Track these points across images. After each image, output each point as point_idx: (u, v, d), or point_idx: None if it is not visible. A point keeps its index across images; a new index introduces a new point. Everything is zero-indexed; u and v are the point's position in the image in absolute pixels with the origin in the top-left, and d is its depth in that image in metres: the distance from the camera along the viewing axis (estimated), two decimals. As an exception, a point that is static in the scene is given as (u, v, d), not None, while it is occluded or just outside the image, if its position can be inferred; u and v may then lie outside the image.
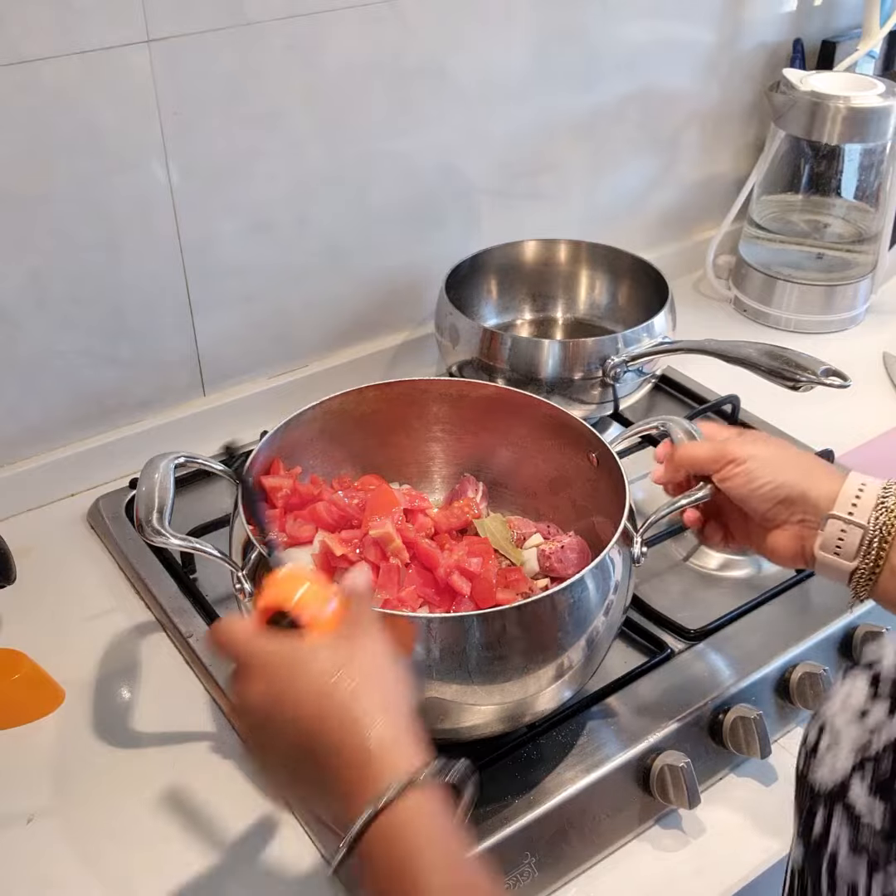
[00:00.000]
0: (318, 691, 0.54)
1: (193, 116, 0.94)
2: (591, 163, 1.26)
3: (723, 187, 1.41)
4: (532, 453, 0.87)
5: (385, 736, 0.53)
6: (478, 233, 1.19)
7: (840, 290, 1.31)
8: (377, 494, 0.82)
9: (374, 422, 0.87)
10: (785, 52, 1.37)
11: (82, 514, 1.00)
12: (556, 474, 0.86)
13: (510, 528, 0.84)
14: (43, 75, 0.85)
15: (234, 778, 0.76)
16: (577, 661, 0.71)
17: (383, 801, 0.51)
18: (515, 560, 0.81)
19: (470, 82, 1.10)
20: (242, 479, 0.73)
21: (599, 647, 0.73)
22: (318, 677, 0.55)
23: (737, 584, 0.91)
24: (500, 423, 0.88)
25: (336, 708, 0.54)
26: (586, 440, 0.81)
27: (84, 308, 0.96)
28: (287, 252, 1.06)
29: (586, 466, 0.82)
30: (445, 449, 0.91)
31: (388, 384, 0.86)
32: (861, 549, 0.67)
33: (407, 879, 0.50)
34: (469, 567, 0.76)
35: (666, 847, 0.74)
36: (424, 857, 0.51)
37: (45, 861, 0.71)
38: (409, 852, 0.51)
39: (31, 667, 0.82)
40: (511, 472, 0.89)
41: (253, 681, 0.56)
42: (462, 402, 0.88)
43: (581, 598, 0.68)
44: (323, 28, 0.97)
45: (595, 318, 1.19)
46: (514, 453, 0.88)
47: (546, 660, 0.68)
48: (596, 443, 0.80)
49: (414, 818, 0.51)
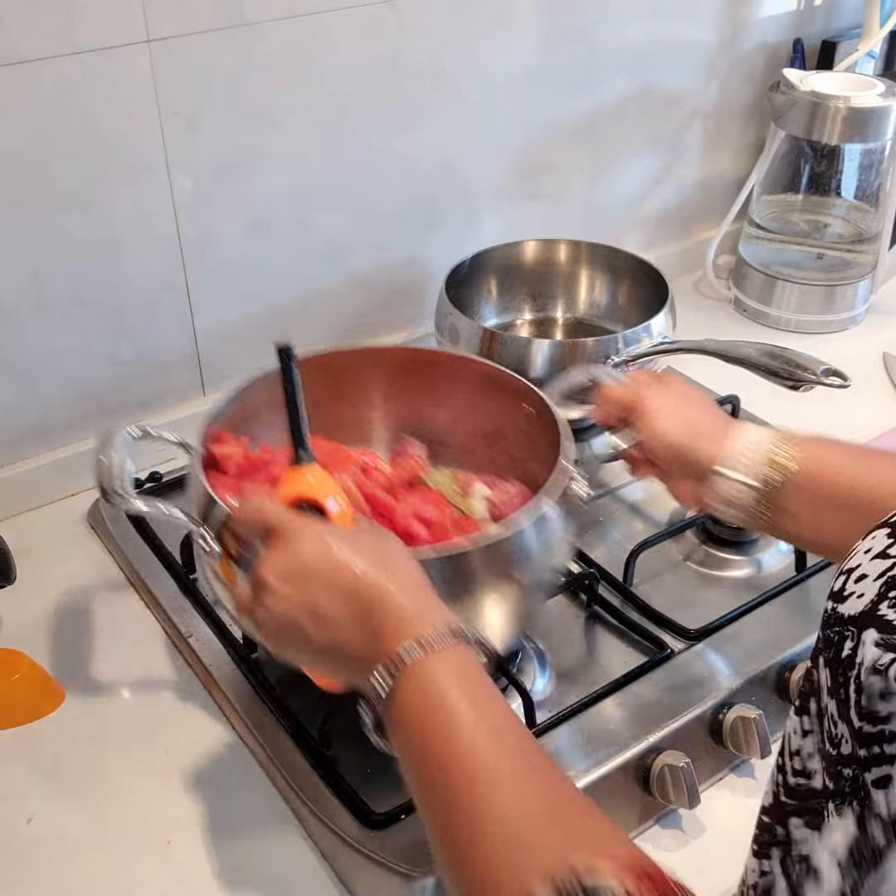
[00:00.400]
0: (356, 556, 0.57)
1: (193, 116, 0.94)
2: (591, 163, 1.26)
3: (723, 187, 1.41)
4: (466, 411, 0.89)
5: (423, 596, 0.57)
6: (478, 233, 1.19)
7: (840, 290, 1.31)
8: (333, 452, 0.83)
9: (316, 390, 0.87)
10: (785, 52, 1.37)
11: (82, 514, 1.00)
12: (491, 428, 0.88)
13: (456, 481, 0.86)
14: (43, 75, 0.85)
15: (236, 775, 0.76)
16: (528, 599, 0.74)
17: (427, 639, 0.53)
18: (466, 510, 0.83)
19: (470, 82, 1.10)
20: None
21: (547, 583, 0.77)
22: (356, 543, 0.58)
23: (737, 584, 0.91)
24: (434, 384, 0.89)
25: (373, 571, 0.57)
26: (521, 393, 0.83)
27: (84, 308, 0.96)
28: (287, 252, 1.06)
29: (520, 418, 0.83)
30: (385, 413, 0.92)
31: (329, 353, 0.87)
32: (751, 502, 0.70)
33: (451, 721, 0.51)
34: (425, 514, 0.79)
35: (666, 847, 0.74)
36: (474, 701, 0.52)
37: (45, 861, 0.71)
38: (453, 697, 0.52)
39: (31, 667, 0.82)
40: (448, 430, 0.91)
41: (291, 544, 0.58)
42: (399, 366, 0.90)
43: (530, 534, 0.70)
44: (323, 28, 0.97)
45: (595, 318, 1.19)
46: (450, 412, 0.90)
47: (498, 598, 0.71)
48: (531, 394, 0.82)
49: (463, 665, 0.54)
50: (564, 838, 0.47)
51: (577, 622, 0.87)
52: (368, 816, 0.70)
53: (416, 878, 0.66)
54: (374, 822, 0.70)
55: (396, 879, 0.67)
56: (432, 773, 0.51)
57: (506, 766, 0.51)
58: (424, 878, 0.66)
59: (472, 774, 0.50)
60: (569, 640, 0.85)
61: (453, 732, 0.51)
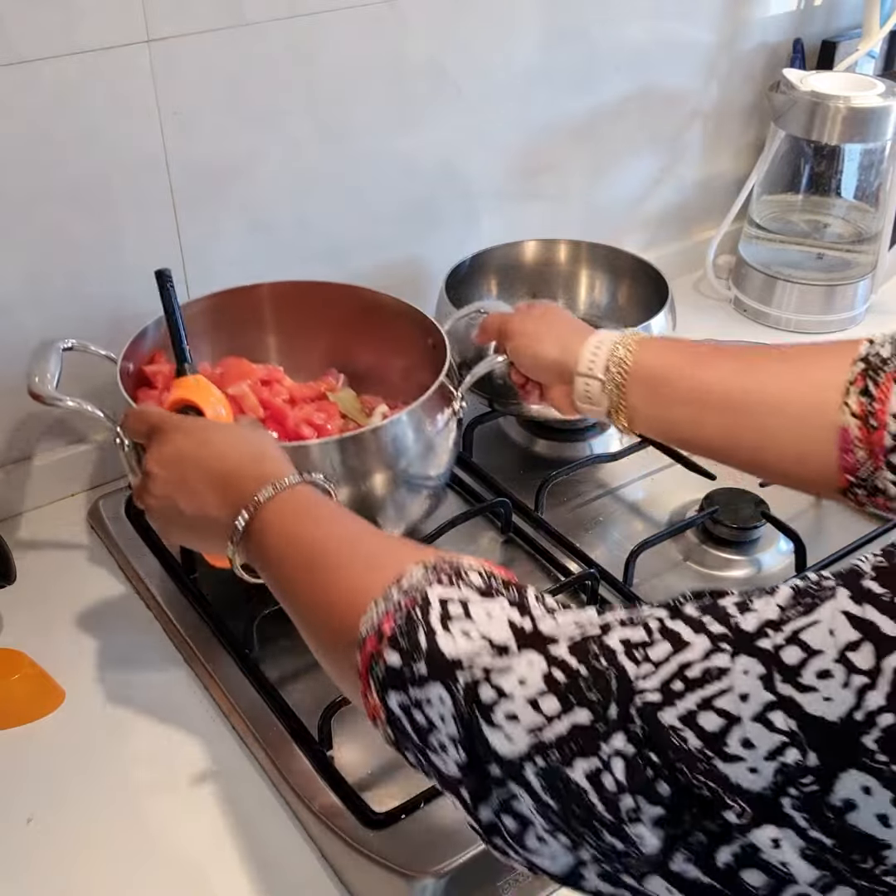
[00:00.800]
0: (225, 439, 0.69)
1: (193, 116, 0.94)
2: (591, 163, 1.26)
3: (723, 187, 1.41)
4: (386, 347, 0.99)
5: (284, 464, 0.67)
6: (478, 233, 1.19)
7: (840, 290, 1.31)
8: (236, 365, 0.92)
9: (253, 319, 1.00)
10: (785, 52, 1.37)
11: (82, 514, 1.00)
12: (407, 363, 0.97)
13: (361, 403, 0.97)
14: (43, 75, 0.85)
15: (237, 774, 0.76)
16: (400, 495, 0.84)
17: (281, 482, 0.63)
18: (362, 423, 0.92)
19: (470, 82, 1.10)
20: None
21: (420, 486, 0.86)
22: (227, 433, 0.71)
23: (737, 585, 0.91)
24: (363, 323, 0.99)
25: (239, 448, 0.68)
26: (424, 326, 0.93)
27: (84, 308, 0.96)
28: (287, 252, 1.06)
29: (428, 352, 0.92)
30: (318, 347, 1.02)
31: (274, 284, 0.98)
32: (603, 396, 0.79)
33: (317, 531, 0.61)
34: (315, 420, 0.89)
35: (666, 847, 0.74)
36: (335, 518, 0.63)
37: (45, 861, 0.71)
38: (318, 516, 0.63)
39: (31, 667, 0.82)
40: (371, 366, 1.01)
41: (169, 436, 0.69)
42: (328, 302, 0.99)
43: (400, 434, 0.82)
44: (323, 28, 0.97)
45: (595, 318, 1.19)
46: (373, 349, 1.00)
47: (372, 490, 0.82)
48: (432, 328, 0.92)
49: (314, 494, 0.64)
50: (419, 550, 0.56)
51: (577, 622, 0.87)
52: (368, 816, 0.70)
53: (416, 878, 0.66)
54: (374, 822, 0.70)
55: (396, 879, 0.67)
56: (296, 560, 0.60)
57: (359, 529, 0.61)
58: (424, 878, 0.66)
59: (329, 544, 0.60)
60: (569, 640, 0.85)
61: (315, 530, 0.61)
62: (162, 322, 0.87)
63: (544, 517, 0.97)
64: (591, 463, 1.04)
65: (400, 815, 0.70)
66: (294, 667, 0.82)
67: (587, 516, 0.99)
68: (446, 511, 0.98)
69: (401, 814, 0.70)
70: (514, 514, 0.97)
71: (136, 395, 0.88)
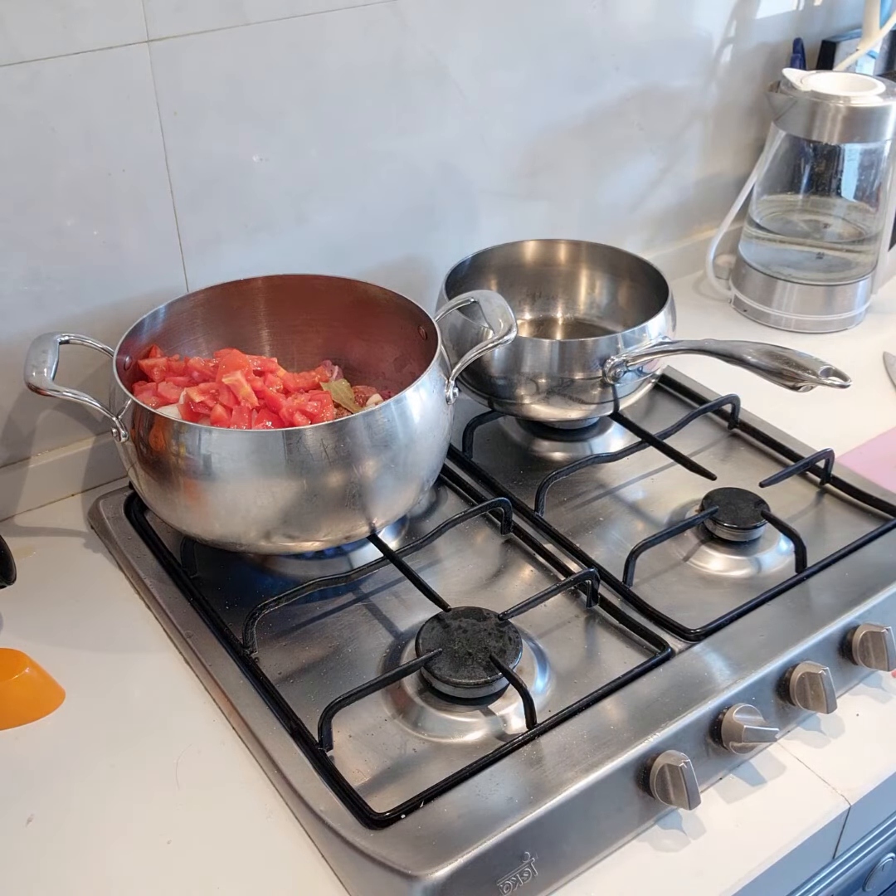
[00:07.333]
0: None
1: (193, 116, 0.94)
2: (591, 163, 1.26)
3: (723, 187, 1.41)
4: (379, 338, 1.00)
5: None
6: (478, 233, 1.19)
7: (840, 290, 1.31)
8: (230, 357, 0.93)
9: (247, 313, 1.01)
10: (785, 52, 1.37)
11: (82, 514, 1.01)
12: (399, 353, 0.99)
13: (355, 393, 0.98)
14: (43, 75, 0.85)
15: (237, 775, 0.76)
16: (392, 481, 0.84)
17: None
18: (355, 412, 0.89)
19: (470, 82, 1.10)
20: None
21: (412, 473, 0.86)
22: None
23: (737, 584, 0.91)
24: (355, 315, 1.00)
25: None
26: (416, 317, 0.93)
27: (83, 308, 0.96)
28: (287, 252, 1.06)
29: (419, 342, 0.94)
30: (312, 339, 1.03)
31: (267, 278, 0.99)
32: None
33: None
34: (308, 409, 0.90)
35: (666, 847, 0.74)
36: None
37: (45, 861, 0.71)
38: None
39: (31, 667, 0.82)
40: (364, 357, 1.03)
41: None
42: (321, 295, 1.00)
43: (392, 419, 0.82)
44: (323, 28, 0.97)
45: (595, 318, 1.19)
46: (366, 341, 1.02)
47: (364, 476, 0.82)
48: (423, 317, 0.92)
49: None
50: None
51: (577, 622, 0.87)
52: (368, 816, 0.70)
53: (416, 878, 0.66)
54: (374, 822, 0.70)
55: (396, 879, 0.67)
56: None
57: None
58: (424, 879, 0.66)
59: None
60: (569, 640, 0.85)
61: None
62: (157, 316, 0.91)
63: (544, 517, 0.97)
64: (591, 463, 1.04)
65: (400, 815, 0.70)
66: (294, 667, 0.82)
67: (587, 516, 0.99)
68: (446, 511, 0.98)
69: (401, 814, 0.70)
70: (514, 513, 0.97)
71: (133, 388, 0.89)
